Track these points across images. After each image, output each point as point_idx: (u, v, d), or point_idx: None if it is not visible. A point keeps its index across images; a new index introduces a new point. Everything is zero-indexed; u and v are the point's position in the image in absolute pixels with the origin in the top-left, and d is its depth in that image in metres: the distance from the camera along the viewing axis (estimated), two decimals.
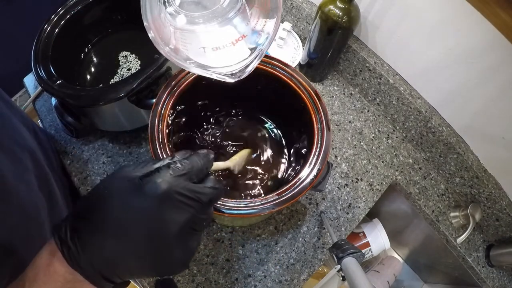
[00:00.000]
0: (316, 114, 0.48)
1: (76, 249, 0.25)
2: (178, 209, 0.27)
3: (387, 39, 0.66)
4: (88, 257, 0.26)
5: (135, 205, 0.26)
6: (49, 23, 0.58)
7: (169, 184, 0.27)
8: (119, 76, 0.65)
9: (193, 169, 0.29)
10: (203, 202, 0.28)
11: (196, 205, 0.27)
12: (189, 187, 0.27)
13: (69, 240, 0.26)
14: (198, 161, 0.30)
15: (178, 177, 0.27)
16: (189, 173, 0.28)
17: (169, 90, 0.48)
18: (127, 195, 0.27)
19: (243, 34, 0.35)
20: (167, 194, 0.26)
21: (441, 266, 0.82)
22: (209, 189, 0.29)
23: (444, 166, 0.69)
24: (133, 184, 0.27)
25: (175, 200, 0.27)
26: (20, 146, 0.45)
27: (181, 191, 0.27)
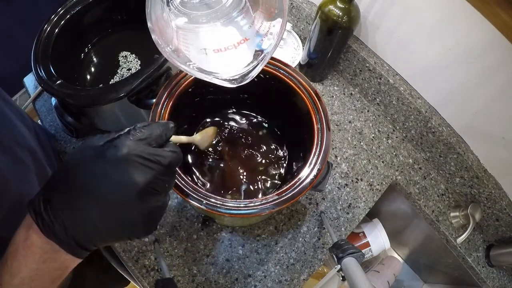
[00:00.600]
0: (316, 114, 0.48)
1: (49, 218, 0.27)
2: (138, 171, 0.28)
3: (387, 39, 0.66)
4: (61, 225, 0.27)
5: (98, 170, 0.28)
6: (49, 23, 0.58)
7: (129, 148, 0.28)
8: (119, 76, 0.65)
9: (152, 135, 0.30)
10: (162, 164, 0.29)
11: (155, 166, 0.29)
12: (148, 151, 0.29)
13: (42, 211, 0.27)
14: (157, 128, 0.31)
15: (138, 142, 0.29)
16: (148, 139, 0.30)
17: (169, 90, 0.48)
18: (90, 161, 0.28)
19: (246, 37, 0.35)
20: (127, 157, 0.28)
21: (441, 266, 0.82)
22: (167, 152, 0.30)
23: (444, 166, 0.69)
24: (95, 151, 0.29)
25: (135, 162, 0.28)
26: (21, 146, 0.45)
27: (140, 154, 0.28)
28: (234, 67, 0.37)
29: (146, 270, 0.57)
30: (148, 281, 0.57)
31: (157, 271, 0.57)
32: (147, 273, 0.57)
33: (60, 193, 0.28)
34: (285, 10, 0.35)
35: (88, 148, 0.29)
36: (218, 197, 0.41)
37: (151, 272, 0.57)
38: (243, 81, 0.38)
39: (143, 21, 0.65)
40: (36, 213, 0.27)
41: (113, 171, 0.27)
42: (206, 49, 0.35)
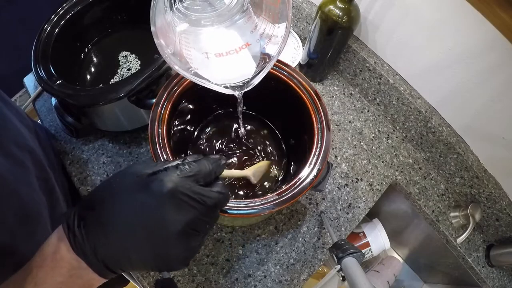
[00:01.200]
0: (316, 114, 0.48)
1: (81, 236, 0.26)
2: (181, 209, 0.27)
3: (387, 39, 0.66)
4: (92, 246, 0.26)
5: (139, 201, 0.27)
6: (49, 23, 0.58)
7: (175, 184, 0.27)
8: (119, 76, 0.65)
9: (201, 172, 0.29)
10: (207, 205, 0.28)
11: (199, 207, 0.28)
12: (194, 189, 0.28)
13: (75, 227, 0.27)
14: (207, 165, 0.30)
15: (185, 178, 0.28)
16: (197, 176, 0.29)
17: (169, 90, 0.48)
18: (133, 190, 0.28)
19: (248, 42, 0.35)
20: (172, 193, 0.27)
21: (441, 266, 0.82)
22: (215, 193, 0.29)
23: (444, 166, 0.69)
24: (140, 180, 0.28)
25: (179, 200, 0.27)
26: (20, 147, 0.45)
27: (186, 192, 0.27)
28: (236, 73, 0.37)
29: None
30: (148, 281, 0.56)
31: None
32: (147, 273, 0.57)
33: (96, 214, 0.27)
34: (289, 17, 0.34)
35: (132, 175, 0.29)
36: None
37: (151, 272, 0.57)
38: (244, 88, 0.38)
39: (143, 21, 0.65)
40: (69, 228, 0.27)
41: (155, 206, 0.27)
42: (208, 53, 0.35)
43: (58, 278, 0.27)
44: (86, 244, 0.26)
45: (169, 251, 0.28)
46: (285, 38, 0.35)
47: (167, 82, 0.48)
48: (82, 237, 0.26)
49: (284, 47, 0.36)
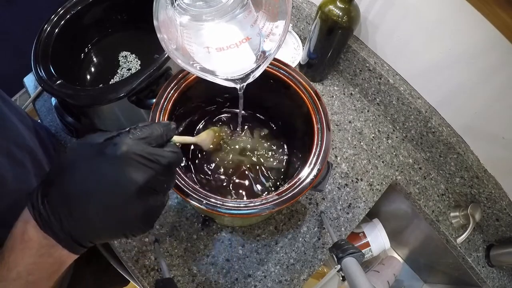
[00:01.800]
0: (316, 114, 0.48)
1: (46, 213, 0.27)
2: (137, 169, 0.28)
3: (387, 39, 0.66)
4: (57, 220, 0.27)
5: (95, 167, 0.28)
6: (49, 23, 0.58)
7: (128, 146, 0.28)
8: (119, 76, 0.65)
9: (152, 134, 0.30)
10: (161, 164, 0.29)
11: (154, 166, 0.28)
12: (147, 150, 0.29)
13: (40, 205, 0.27)
14: (158, 128, 0.31)
15: (138, 140, 0.29)
16: (148, 138, 0.30)
17: (169, 90, 0.48)
18: (88, 158, 0.28)
19: (248, 36, 0.35)
20: (126, 155, 0.27)
21: (441, 266, 0.82)
22: (167, 152, 0.30)
23: (444, 166, 0.69)
24: (95, 147, 0.29)
25: (134, 161, 0.28)
26: (19, 146, 0.45)
27: (140, 153, 0.28)
28: (237, 66, 0.37)
29: (146, 270, 0.57)
30: (148, 281, 0.57)
31: (157, 271, 0.57)
32: (147, 273, 0.57)
33: (58, 188, 0.28)
34: (289, 12, 0.35)
35: (87, 144, 0.29)
36: (218, 197, 0.41)
37: (151, 272, 0.57)
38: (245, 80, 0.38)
39: (143, 21, 0.65)
40: (34, 207, 0.27)
41: (111, 169, 0.27)
42: (209, 47, 0.35)
43: (29, 259, 0.27)
44: (52, 220, 0.27)
45: (130, 212, 0.28)
46: (285, 31, 0.36)
47: (167, 82, 0.48)
48: (46, 213, 0.27)
49: (284, 40, 0.36)
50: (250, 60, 0.37)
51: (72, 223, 0.27)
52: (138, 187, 0.27)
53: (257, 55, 0.37)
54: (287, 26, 0.35)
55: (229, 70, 0.38)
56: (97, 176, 0.27)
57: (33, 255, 0.27)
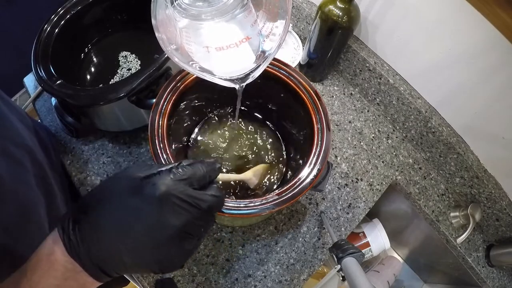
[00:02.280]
0: (316, 114, 0.48)
1: (76, 240, 0.27)
2: (175, 213, 0.27)
3: (387, 39, 0.66)
4: (86, 249, 0.27)
5: (132, 204, 0.27)
6: (49, 23, 0.58)
7: (167, 187, 0.27)
8: (119, 76, 0.65)
9: (195, 175, 0.29)
10: (201, 209, 0.28)
11: (193, 210, 0.28)
12: (187, 192, 0.28)
13: (70, 231, 0.27)
14: (201, 168, 0.30)
15: (178, 181, 0.28)
16: (190, 179, 0.29)
17: (169, 90, 0.48)
18: (126, 193, 0.28)
19: (248, 36, 0.35)
20: (165, 197, 0.27)
21: (441, 266, 0.82)
22: (209, 196, 0.29)
23: (444, 166, 0.69)
24: (133, 184, 0.28)
25: (172, 203, 0.27)
26: (18, 146, 0.45)
27: (179, 195, 0.27)
28: (236, 66, 0.37)
29: None
30: (148, 281, 0.56)
31: None
32: (147, 274, 0.57)
33: (90, 218, 0.27)
34: (289, 11, 0.35)
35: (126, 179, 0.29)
36: None
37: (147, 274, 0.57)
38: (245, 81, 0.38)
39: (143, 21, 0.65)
40: (64, 231, 0.27)
41: (148, 209, 0.27)
42: (209, 47, 0.35)
43: (53, 281, 0.27)
44: (81, 248, 0.27)
45: (163, 255, 0.28)
46: (285, 31, 0.36)
47: (167, 82, 0.48)
48: (76, 240, 0.27)
49: (284, 40, 0.36)
50: (250, 60, 0.37)
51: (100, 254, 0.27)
52: (174, 231, 0.27)
53: (256, 55, 0.37)
54: (287, 25, 0.35)
55: (228, 69, 0.38)
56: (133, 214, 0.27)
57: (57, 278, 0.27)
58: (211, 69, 0.37)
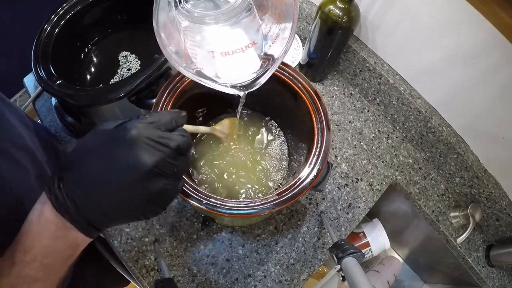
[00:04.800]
0: (316, 114, 0.48)
1: (62, 196, 0.28)
2: (146, 152, 0.28)
3: (387, 39, 0.66)
4: (73, 203, 0.28)
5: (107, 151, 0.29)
6: (49, 23, 0.58)
7: (138, 130, 0.29)
8: (119, 76, 0.65)
9: (161, 120, 0.31)
10: (170, 147, 0.30)
11: (163, 148, 0.29)
12: (156, 133, 0.30)
13: (56, 188, 0.28)
14: (168, 114, 0.32)
15: (147, 124, 0.30)
16: (157, 122, 0.31)
17: (169, 90, 0.48)
18: (100, 143, 0.30)
19: (254, 41, 0.35)
20: (136, 138, 0.29)
21: (441, 266, 0.82)
22: (176, 135, 0.31)
23: (444, 166, 0.69)
24: (106, 133, 0.30)
25: (144, 143, 0.29)
26: (18, 147, 0.45)
27: (149, 136, 0.29)
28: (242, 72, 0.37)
29: (146, 270, 0.57)
30: (148, 281, 0.56)
31: (157, 271, 0.57)
32: (147, 273, 0.57)
33: (72, 172, 0.29)
34: (295, 15, 0.34)
35: (100, 131, 0.31)
36: (218, 197, 0.41)
37: (151, 272, 0.57)
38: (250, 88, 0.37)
39: (143, 21, 0.65)
40: (50, 190, 0.28)
41: (122, 152, 0.28)
42: (214, 52, 0.35)
43: (45, 242, 0.28)
44: (68, 203, 0.28)
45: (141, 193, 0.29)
46: (291, 37, 0.35)
47: (167, 82, 0.48)
48: (62, 196, 0.28)
49: (290, 46, 0.36)
50: (255, 66, 0.37)
51: (86, 205, 0.28)
52: (148, 169, 0.28)
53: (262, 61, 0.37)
54: (293, 30, 0.35)
55: (233, 75, 0.37)
56: (109, 160, 0.28)
57: (48, 237, 0.28)
58: (216, 74, 0.37)
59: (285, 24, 0.35)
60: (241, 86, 0.37)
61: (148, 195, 0.29)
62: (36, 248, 0.28)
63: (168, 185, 0.30)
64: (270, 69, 0.37)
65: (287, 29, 0.35)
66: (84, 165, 0.29)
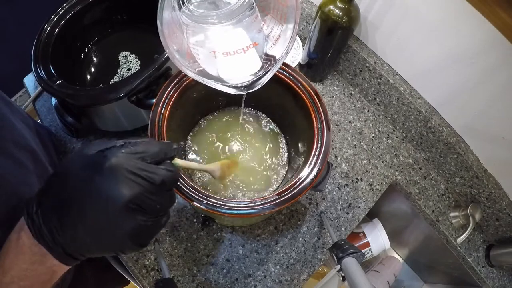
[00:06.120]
0: (316, 114, 0.48)
1: (39, 222, 0.27)
2: (124, 184, 0.27)
3: (387, 39, 0.66)
4: (49, 231, 0.27)
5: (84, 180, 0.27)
6: (49, 23, 0.58)
7: (118, 159, 0.27)
8: (119, 76, 0.65)
9: (147, 151, 0.29)
10: (153, 182, 0.28)
11: (144, 183, 0.27)
12: (138, 165, 0.27)
13: (33, 213, 0.27)
14: (156, 145, 0.30)
15: (130, 155, 0.28)
16: (143, 153, 0.29)
17: (169, 90, 0.48)
18: (79, 170, 0.28)
19: (255, 42, 0.35)
20: (115, 168, 0.27)
21: (441, 266, 0.82)
22: (162, 170, 0.29)
23: (444, 166, 0.69)
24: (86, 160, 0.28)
25: (122, 175, 0.27)
26: (20, 147, 0.45)
27: (129, 168, 0.27)
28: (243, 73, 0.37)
29: (146, 270, 0.57)
30: (148, 281, 0.56)
31: (157, 271, 0.57)
32: (147, 273, 0.57)
33: (50, 197, 0.28)
34: (297, 17, 0.34)
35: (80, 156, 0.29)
36: (218, 197, 0.41)
37: (151, 272, 0.57)
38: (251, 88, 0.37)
39: (143, 21, 0.65)
40: (28, 214, 0.27)
41: (99, 181, 0.27)
42: (216, 52, 0.35)
43: (22, 265, 0.28)
44: (43, 229, 0.27)
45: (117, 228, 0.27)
46: (293, 38, 0.35)
47: (167, 82, 0.48)
48: (39, 222, 0.27)
49: (291, 47, 0.35)
50: (256, 66, 0.37)
51: (62, 234, 0.27)
52: (122, 203, 0.26)
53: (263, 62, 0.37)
54: (295, 32, 0.35)
55: (234, 76, 0.37)
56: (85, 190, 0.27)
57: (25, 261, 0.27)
58: (217, 74, 0.37)
59: (287, 25, 0.35)
60: (243, 86, 0.37)
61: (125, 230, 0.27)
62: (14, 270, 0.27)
63: (147, 221, 0.28)
64: (272, 70, 0.37)
65: (288, 30, 0.35)
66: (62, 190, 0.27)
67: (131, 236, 0.28)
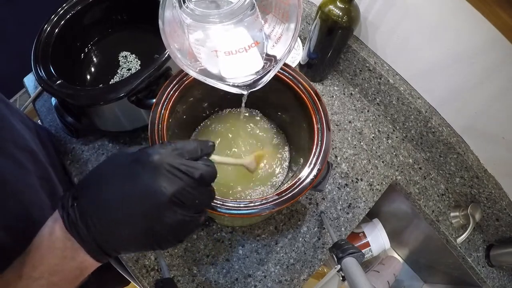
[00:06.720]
0: (316, 114, 0.48)
1: (74, 215, 0.27)
2: (167, 179, 0.27)
3: (387, 39, 0.66)
4: (84, 224, 0.27)
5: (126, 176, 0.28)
6: (49, 23, 0.58)
7: (160, 155, 0.28)
8: (119, 76, 0.65)
9: (185, 148, 0.30)
10: (193, 176, 0.28)
11: (185, 178, 0.28)
12: (179, 161, 0.28)
13: (69, 207, 0.27)
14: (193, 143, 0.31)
15: (170, 151, 0.29)
16: (181, 150, 0.30)
17: (169, 90, 0.48)
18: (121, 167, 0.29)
19: (257, 41, 0.35)
20: (158, 164, 0.28)
21: (441, 266, 0.82)
22: (201, 164, 0.30)
23: (444, 166, 0.69)
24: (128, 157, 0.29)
25: (165, 170, 0.28)
26: (20, 148, 0.45)
27: (171, 163, 0.28)
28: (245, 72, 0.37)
29: (146, 270, 0.57)
30: (148, 281, 0.56)
31: (157, 271, 0.57)
32: (147, 273, 0.57)
33: (89, 192, 0.28)
34: (299, 16, 0.34)
35: (120, 155, 0.30)
36: (218, 197, 0.41)
37: (151, 272, 0.57)
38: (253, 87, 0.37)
39: (143, 21, 0.65)
40: (63, 207, 0.28)
41: (140, 177, 0.27)
42: (218, 51, 0.35)
43: (53, 260, 0.28)
44: (79, 222, 0.27)
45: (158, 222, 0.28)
46: (295, 37, 0.35)
47: (167, 82, 0.48)
48: (75, 215, 0.27)
49: (293, 46, 0.36)
50: (258, 65, 0.37)
51: (98, 228, 0.27)
52: (166, 197, 0.27)
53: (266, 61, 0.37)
54: (297, 32, 0.35)
55: (236, 75, 0.37)
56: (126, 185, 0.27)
57: (57, 256, 0.28)
58: (219, 74, 0.37)
59: (289, 24, 0.35)
60: (244, 85, 0.37)
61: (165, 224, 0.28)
62: (44, 265, 0.28)
63: (187, 217, 0.29)
64: (274, 69, 0.37)
65: (290, 29, 0.35)
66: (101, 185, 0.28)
67: (172, 230, 0.29)
